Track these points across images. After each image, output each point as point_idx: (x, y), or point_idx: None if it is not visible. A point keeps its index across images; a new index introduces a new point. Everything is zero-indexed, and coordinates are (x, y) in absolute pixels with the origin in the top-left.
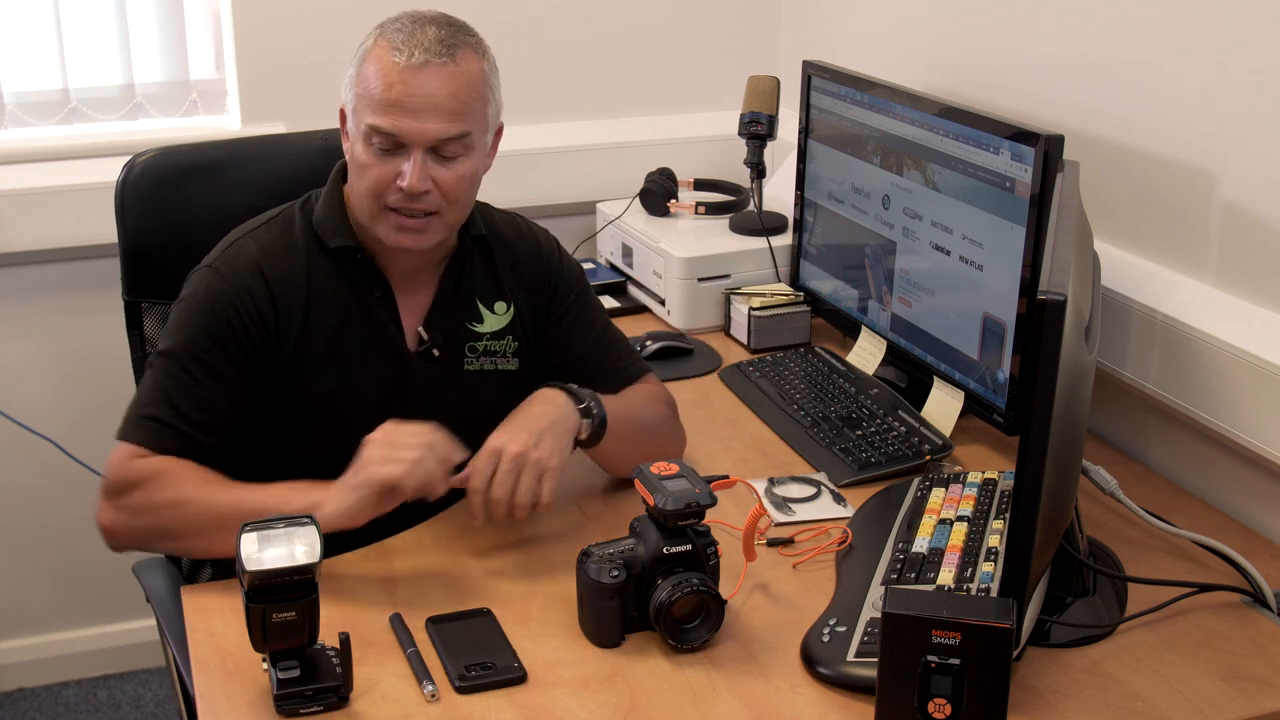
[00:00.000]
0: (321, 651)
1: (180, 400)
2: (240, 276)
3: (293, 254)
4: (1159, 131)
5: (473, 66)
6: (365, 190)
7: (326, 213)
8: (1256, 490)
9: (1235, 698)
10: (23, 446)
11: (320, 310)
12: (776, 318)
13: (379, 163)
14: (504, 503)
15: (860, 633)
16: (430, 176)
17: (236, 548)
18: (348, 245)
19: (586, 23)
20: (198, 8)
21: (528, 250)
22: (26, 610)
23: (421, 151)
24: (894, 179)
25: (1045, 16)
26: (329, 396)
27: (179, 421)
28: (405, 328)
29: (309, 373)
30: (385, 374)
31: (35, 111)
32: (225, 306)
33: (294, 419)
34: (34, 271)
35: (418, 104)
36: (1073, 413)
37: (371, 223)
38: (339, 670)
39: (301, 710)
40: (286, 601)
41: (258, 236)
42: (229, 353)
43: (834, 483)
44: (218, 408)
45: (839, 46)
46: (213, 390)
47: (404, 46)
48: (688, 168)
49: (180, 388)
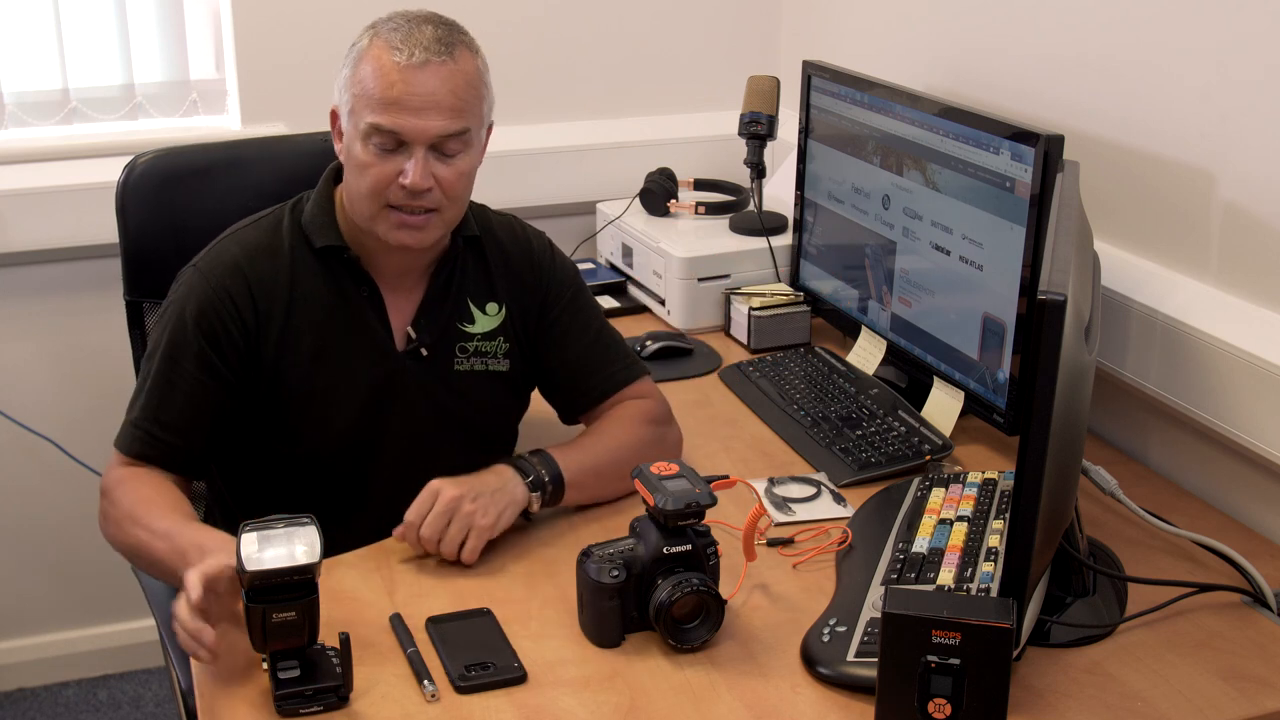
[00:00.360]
0: (321, 651)
1: (160, 406)
2: (220, 277)
3: (276, 254)
4: (1159, 131)
5: (470, 64)
6: (366, 190)
7: (315, 213)
8: (1256, 490)
9: (1235, 698)
10: (22, 446)
11: (303, 310)
12: (776, 318)
13: (380, 161)
14: (430, 542)
15: (860, 633)
16: (431, 173)
17: (236, 547)
18: (334, 245)
19: (586, 23)
20: (198, 8)
21: (520, 252)
22: (26, 610)
23: (423, 149)
24: (894, 179)
25: (1045, 16)
26: (314, 396)
27: (157, 429)
28: (394, 327)
29: (293, 372)
30: (372, 373)
31: (35, 111)
32: (205, 308)
33: (280, 418)
34: (34, 271)
35: (419, 102)
36: (1073, 413)
37: (371, 222)
38: (339, 670)
39: (301, 710)
40: (286, 601)
41: (242, 236)
42: (208, 354)
43: (834, 483)
44: (198, 410)
45: (839, 46)
46: (192, 394)
47: (403, 46)
48: (688, 168)
49: (160, 392)
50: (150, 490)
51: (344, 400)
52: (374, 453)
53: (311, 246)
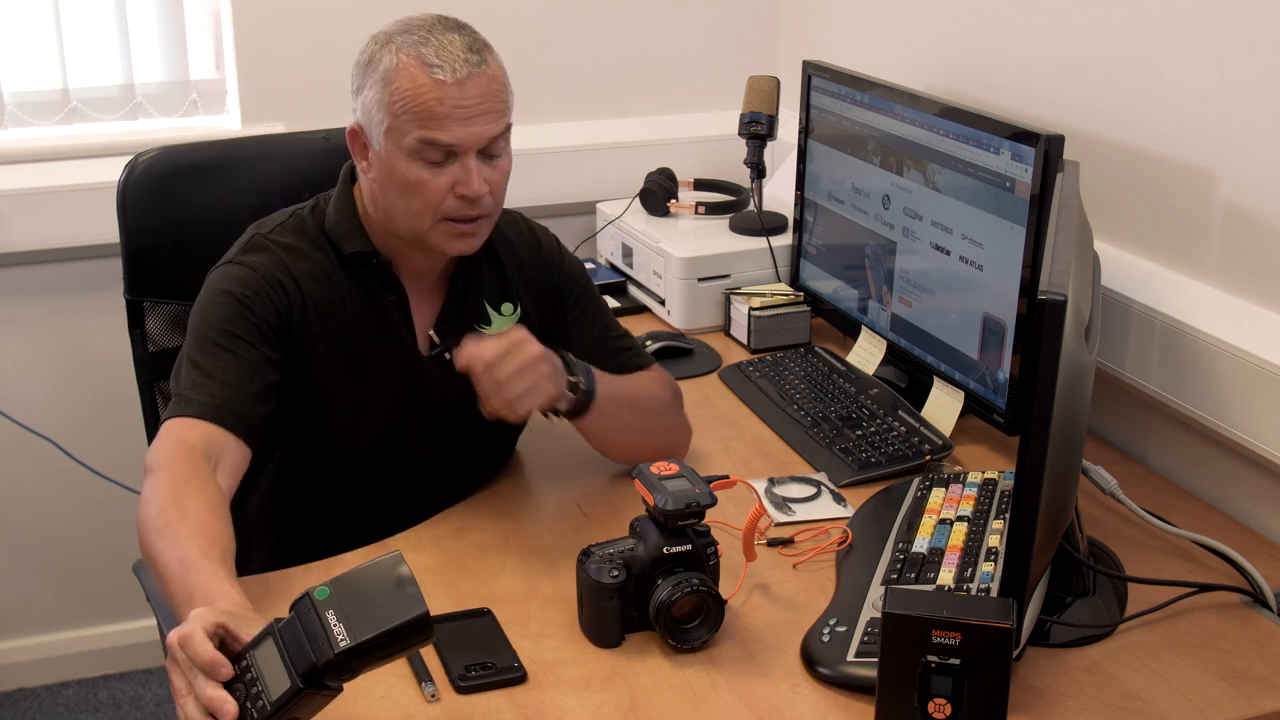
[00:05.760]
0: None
1: (214, 367)
2: (265, 267)
3: (310, 257)
4: (1159, 131)
5: (497, 64)
6: (419, 207)
7: (340, 217)
8: (1256, 490)
9: (1235, 698)
10: (22, 446)
11: (336, 312)
12: (776, 318)
13: (434, 175)
14: (491, 379)
15: (860, 633)
16: (483, 178)
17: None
18: (364, 251)
19: (586, 23)
20: (198, 8)
21: (530, 250)
22: (26, 610)
23: (474, 156)
24: (894, 179)
25: (1045, 16)
26: (343, 399)
27: (215, 385)
28: (417, 331)
29: (324, 374)
30: (398, 377)
31: (35, 111)
32: (256, 289)
33: (306, 419)
34: (34, 271)
35: (468, 113)
36: (1073, 413)
37: (423, 236)
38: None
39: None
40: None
41: (272, 236)
42: (263, 328)
43: (834, 483)
44: (254, 374)
45: (839, 46)
46: (248, 358)
47: (443, 62)
48: (688, 168)
49: (212, 359)
50: (192, 495)
51: (371, 404)
52: (394, 455)
53: (338, 251)
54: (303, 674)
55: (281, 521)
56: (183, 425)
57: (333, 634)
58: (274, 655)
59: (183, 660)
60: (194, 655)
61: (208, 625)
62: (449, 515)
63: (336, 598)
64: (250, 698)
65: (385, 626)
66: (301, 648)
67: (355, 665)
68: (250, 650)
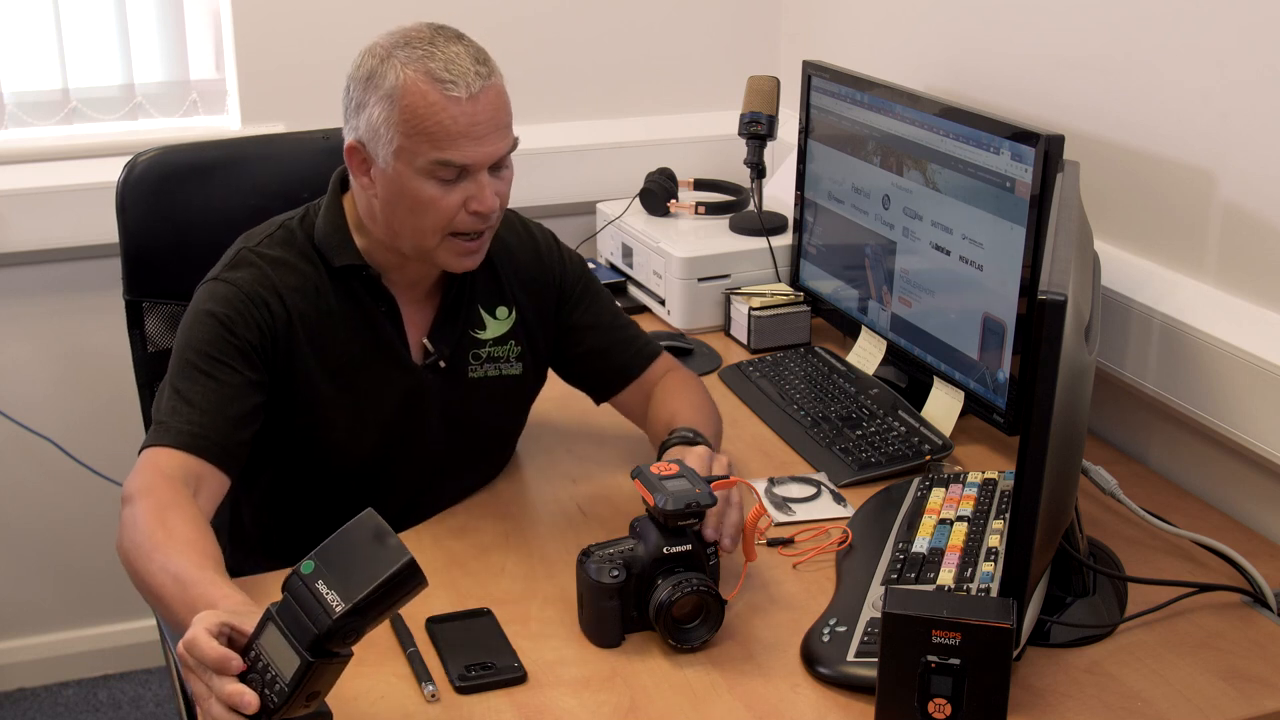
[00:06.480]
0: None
1: (194, 394)
2: (249, 284)
3: (298, 269)
4: (1159, 131)
5: (499, 76)
6: (432, 224)
7: (329, 230)
8: (1256, 490)
9: (1235, 698)
10: (22, 446)
11: (330, 327)
12: (776, 318)
13: (446, 194)
14: (729, 536)
15: (860, 633)
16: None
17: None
18: (354, 264)
19: (586, 23)
20: (198, 8)
21: (527, 252)
22: (26, 610)
23: (485, 171)
24: (894, 179)
25: (1045, 16)
26: (338, 413)
27: (195, 414)
28: (410, 341)
29: (317, 389)
30: (394, 388)
31: (35, 111)
32: (239, 309)
33: (301, 434)
34: (34, 271)
35: (482, 130)
36: (1073, 413)
37: (430, 253)
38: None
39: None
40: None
41: (259, 250)
42: (245, 351)
43: (834, 483)
44: (234, 400)
45: (839, 46)
46: (228, 383)
47: (455, 77)
48: (688, 168)
49: (193, 385)
50: (176, 516)
51: (367, 415)
52: (392, 466)
53: (328, 264)
54: (308, 647)
55: (278, 535)
56: (161, 455)
57: (327, 602)
58: (278, 638)
59: (194, 664)
60: (202, 656)
61: (211, 626)
62: (449, 515)
63: (322, 567)
64: (266, 684)
65: (375, 582)
66: (301, 623)
67: (358, 626)
68: (255, 640)
